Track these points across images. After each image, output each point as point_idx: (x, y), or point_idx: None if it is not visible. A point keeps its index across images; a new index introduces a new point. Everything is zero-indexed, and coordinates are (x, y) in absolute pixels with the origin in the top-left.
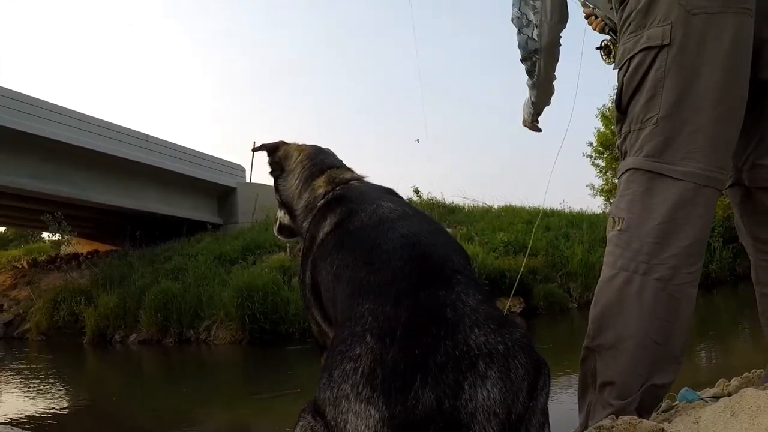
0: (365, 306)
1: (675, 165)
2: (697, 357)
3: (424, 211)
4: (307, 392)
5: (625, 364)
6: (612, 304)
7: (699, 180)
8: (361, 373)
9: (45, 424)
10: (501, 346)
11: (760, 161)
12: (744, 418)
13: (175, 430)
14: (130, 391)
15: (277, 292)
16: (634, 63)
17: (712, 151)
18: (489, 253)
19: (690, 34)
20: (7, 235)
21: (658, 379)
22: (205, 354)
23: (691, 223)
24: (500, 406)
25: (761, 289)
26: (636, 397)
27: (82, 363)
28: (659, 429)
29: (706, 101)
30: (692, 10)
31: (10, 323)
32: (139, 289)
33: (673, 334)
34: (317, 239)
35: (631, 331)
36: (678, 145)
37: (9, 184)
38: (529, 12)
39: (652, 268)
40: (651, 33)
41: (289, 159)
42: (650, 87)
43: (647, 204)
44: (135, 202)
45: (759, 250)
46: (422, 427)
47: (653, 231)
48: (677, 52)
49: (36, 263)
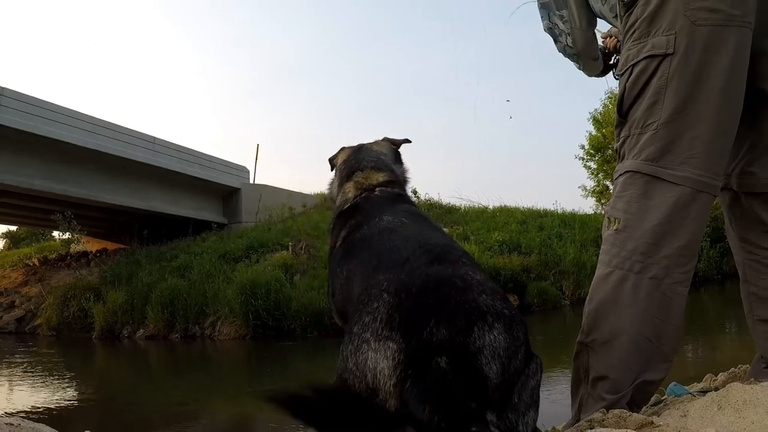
0: (380, 277)
1: (673, 170)
2: (685, 353)
3: (424, 214)
4: None
5: (618, 360)
6: (607, 301)
7: (695, 185)
8: (379, 320)
9: (55, 416)
10: (506, 311)
11: (749, 168)
12: (730, 412)
13: (180, 422)
14: (137, 385)
15: (279, 290)
16: (637, 69)
17: (709, 159)
18: (484, 252)
19: (693, 45)
20: (19, 233)
21: (650, 375)
22: (209, 349)
23: (686, 226)
24: (504, 351)
25: (747, 287)
26: (627, 392)
27: (90, 357)
28: (648, 422)
29: (707, 110)
30: (697, 21)
31: (22, 319)
32: (146, 286)
33: (665, 332)
34: (333, 247)
35: (625, 328)
36: (677, 150)
37: (21, 185)
38: (559, 22)
39: (646, 267)
40: (655, 41)
41: (337, 162)
42: (652, 93)
43: (644, 206)
44: (142, 202)
45: (746, 251)
46: (435, 354)
47: (649, 232)
48: (680, 62)
49: (47, 261)
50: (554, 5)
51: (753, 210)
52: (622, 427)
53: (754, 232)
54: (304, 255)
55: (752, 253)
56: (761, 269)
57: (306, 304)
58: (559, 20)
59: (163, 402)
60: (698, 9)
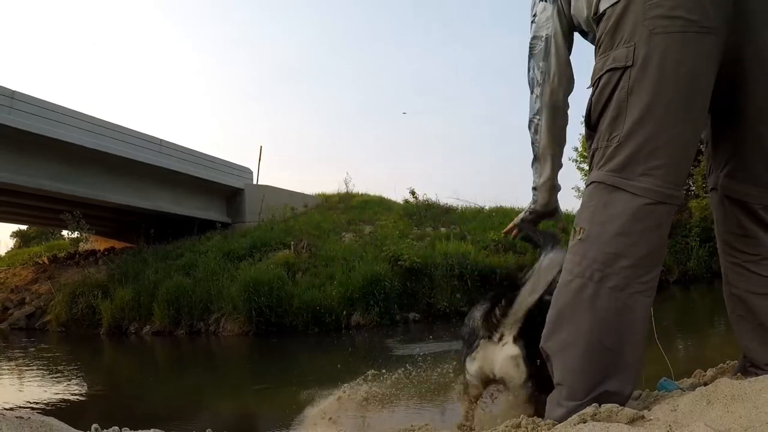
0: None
1: (634, 181)
2: (675, 349)
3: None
4: (308, 382)
5: (572, 367)
6: (566, 308)
7: (655, 196)
8: None
9: (64, 409)
10: None
11: (734, 172)
12: (719, 406)
13: (185, 415)
14: (144, 379)
15: (282, 287)
16: (601, 83)
17: (669, 170)
18: (480, 251)
19: (651, 55)
20: (29, 232)
21: (612, 385)
22: (214, 345)
23: (646, 236)
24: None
25: (730, 289)
26: (587, 401)
27: (98, 353)
28: (640, 416)
29: (666, 122)
30: (654, 29)
31: (32, 315)
32: (152, 283)
33: (627, 342)
34: None
35: (582, 336)
36: (638, 162)
37: (31, 185)
38: (538, 73)
39: (606, 277)
40: (616, 54)
41: None
42: (615, 107)
43: (606, 216)
44: (149, 202)
45: (727, 253)
46: None
47: (610, 242)
48: (638, 73)
49: (56, 259)
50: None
51: (734, 213)
52: (614, 421)
53: (734, 235)
54: (305, 254)
55: (733, 256)
56: (742, 272)
57: (307, 301)
58: (539, 72)
59: (168, 395)
60: (655, 17)
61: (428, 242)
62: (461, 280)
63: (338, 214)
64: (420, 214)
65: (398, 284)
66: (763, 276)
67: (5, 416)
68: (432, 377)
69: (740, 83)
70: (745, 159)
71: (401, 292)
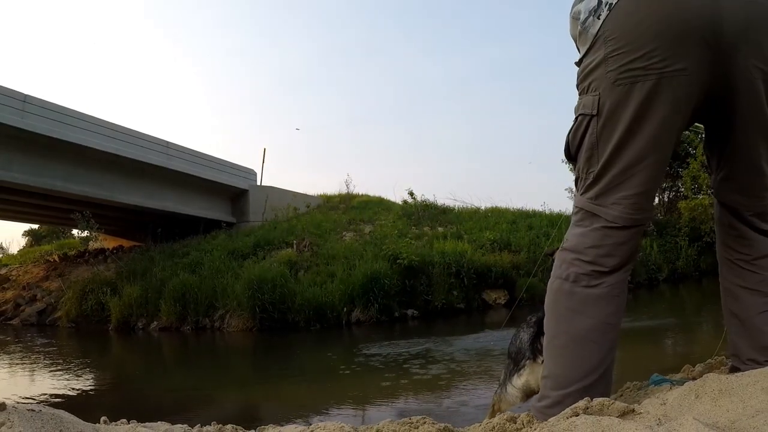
0: None
1: (606, 208)
2: (664, 345)
3: (417, 211)
4: (309, 378)
5: (555, 359)
6: (549, 306)
7: (624, 222)
8: None
9: (74, 402)
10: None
11: (723, 181)
12: (707, 400)
13: (191, 408)
14: (151, 374)
15: (284, 285)
16: (576, 123)
17: (637, 198)
18: (476, 250)
19: (614, 105)
20: (40, 231)
21: (594, 374)
22: (219, 340)
23: (616, 248)
24: None
25: (723, 282)
26: (573, 392)
27: (107, 348)
28: (630, 409)
29: (631, 163)
30: (616, 81)
31: (43, 312)
32: (159, 281)
33: (602, 333)
34: None
35: (562, 329)
36: (609, 194)
37: (43, 186)
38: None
39: (579, 277)
40: (585, 101)
41: None
42: (587, 148)
43: (584, 233)
44: (156, 202)
45: (724, 249)
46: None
47: (585, 251)
48: (604, 123)
49: (66, 257)
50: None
51: (728, 216)
52: (606, 414)
53: (729, 235)
54: (307, 252)
55: (728, 252)
56: (734, 268)
57: (309, 298)
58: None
59: (175, 389)
60: (616, 69)
61: (426, 241)
62: (458, 278)
63: (339, 214)
64: (418, 214)
65: (397, 282)
66: (754, 273)
67: (17, 409)
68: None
69: (728, 99)
70: (733, 170)
71: (400, 290)
